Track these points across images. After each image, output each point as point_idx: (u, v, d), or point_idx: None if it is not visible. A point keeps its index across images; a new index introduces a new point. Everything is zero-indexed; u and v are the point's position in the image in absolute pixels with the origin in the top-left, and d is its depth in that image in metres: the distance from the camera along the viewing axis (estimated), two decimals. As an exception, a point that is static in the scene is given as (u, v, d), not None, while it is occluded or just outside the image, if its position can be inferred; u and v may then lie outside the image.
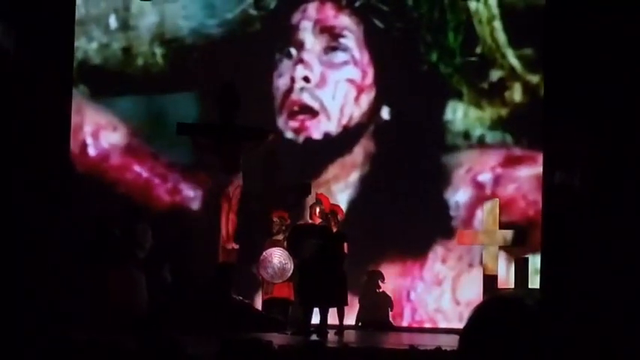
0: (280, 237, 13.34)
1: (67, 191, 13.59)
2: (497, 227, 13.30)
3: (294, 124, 15.04)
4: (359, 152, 15.05)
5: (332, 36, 15.16)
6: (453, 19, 15.10)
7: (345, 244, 12.52)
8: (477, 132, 15.04)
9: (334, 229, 12.62)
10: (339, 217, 12.86)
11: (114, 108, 15.03)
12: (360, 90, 15.13)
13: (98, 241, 12.58)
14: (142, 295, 12.41)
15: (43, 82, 13.01)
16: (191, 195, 14.95)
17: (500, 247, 13.45)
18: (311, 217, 12.94)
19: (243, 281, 13.41)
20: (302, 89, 15.06)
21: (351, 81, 15.13)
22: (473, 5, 15.22)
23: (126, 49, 15.22)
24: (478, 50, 15.14)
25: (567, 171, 13.05)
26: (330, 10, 15.18)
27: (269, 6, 15.19)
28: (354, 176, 14.97)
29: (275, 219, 13.34)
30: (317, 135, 15.01)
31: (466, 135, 15.02)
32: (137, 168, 14.91)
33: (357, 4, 15.16)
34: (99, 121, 15.00)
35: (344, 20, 15.16)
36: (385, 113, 15.09)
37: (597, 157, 12.80)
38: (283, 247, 13.03)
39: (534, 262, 12.52)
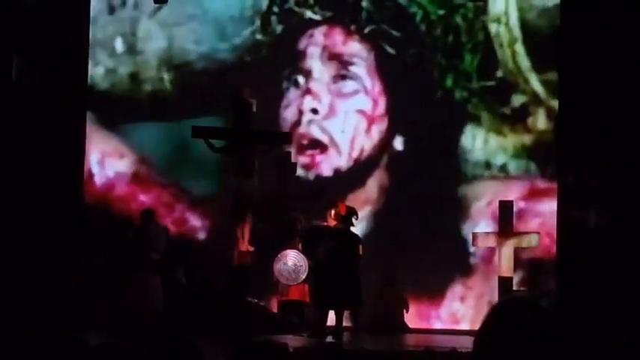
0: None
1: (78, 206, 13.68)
2: (512, 229, 12.97)
3: (303, 159, 14.26)
4: (372, 186, 14.24)
5: (341, 63, 14.39)
6: (468, 41, 14.28)
7: (360, 246, 12.23)
8: (498, 161, 14.18)
9: (349, 231, 12.29)
10: (354, 219, 12.49)
11: (121, 135, 14.42)
12: (371, 120, 14.32)
13: (113, 244, 12.52)
14: (156, 297, 12.30)
15: (56, 109, 13.12)
16: (198, 225, 14.22)
17: (516, 249, 13.00)
18: (326, 219, 12.42)
19: (258, 283, 12.86)
20: (310, 122, 14.29)
21: (361, 111, 14.34)
22: (493, 28, 14.39)
23: (133, 74, 14.62)
24: (499, 74, 14.30)
25: (581, 189, 12.54)
26: (338, 36, 14.42)
27: (275, 31, 14.48)
28: (367, 210, 14.13)
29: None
30: (327, 171, 14.19)
31: (487, 164, 14.16)
32: (143, 197, 14.27)
33: (366, 29, 14.39)
34: (105, 149, 14.38)
35: (353, 47, 14.40)
36: (398, 144, 14.28)
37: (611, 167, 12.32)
38: (298, 249, 12.76)
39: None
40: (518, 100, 14.32)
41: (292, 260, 12.67)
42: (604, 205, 12.48)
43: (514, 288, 12.85)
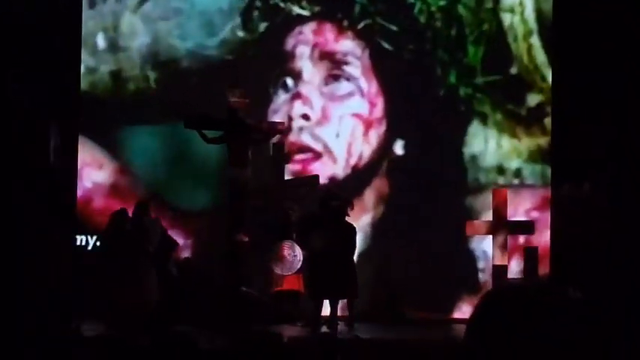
0: None
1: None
2: (506, 217, 12.25)
3: (294, 167, 12.98)
4: (370, 195, 12.95)
5: (333, 63, 13.12)
6: (472, 31, 12.93)
7: (355, 236, 11.83)
8: (512, 165, 12.81)
9: (344, 221, 11.83)
10: (350, 209, 12.04)
11: (102, 141, 13.26)
12: (369, 124, 13.00)
13: (110, 237, 11.92)
14: (152, 290, 11.80)
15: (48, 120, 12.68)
16: (180, 242, 12.98)
17: (510, 237, 12.35)
18: (321, 209, 11.85)
19: (253, 273, 12.15)
20: (301, 129, 13.01)
21: (357, 115, 13.02)
22: (507, 19, 13.03)
23: (115, 72, 13.47)
24: (513, 71, 12.92)
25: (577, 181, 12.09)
26: (329, 33, 13.15)
27: (258, 28, 13.24)
28: (365, 221, 12.78)
29: None
30: (321, 179, 12.85)
31: (500, 169, 12.79)
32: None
33: (361, 25, 13.11)
34: (84, 158, 13.22)
35: (346, 44, 13.12)
36: (399, 148, 12.94)
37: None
38: (292, 239, 12.42)
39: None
40: (534, 99, 12.93)
41: (287, 250, 12.36)
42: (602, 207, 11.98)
43: (508, 276, 12.14)
